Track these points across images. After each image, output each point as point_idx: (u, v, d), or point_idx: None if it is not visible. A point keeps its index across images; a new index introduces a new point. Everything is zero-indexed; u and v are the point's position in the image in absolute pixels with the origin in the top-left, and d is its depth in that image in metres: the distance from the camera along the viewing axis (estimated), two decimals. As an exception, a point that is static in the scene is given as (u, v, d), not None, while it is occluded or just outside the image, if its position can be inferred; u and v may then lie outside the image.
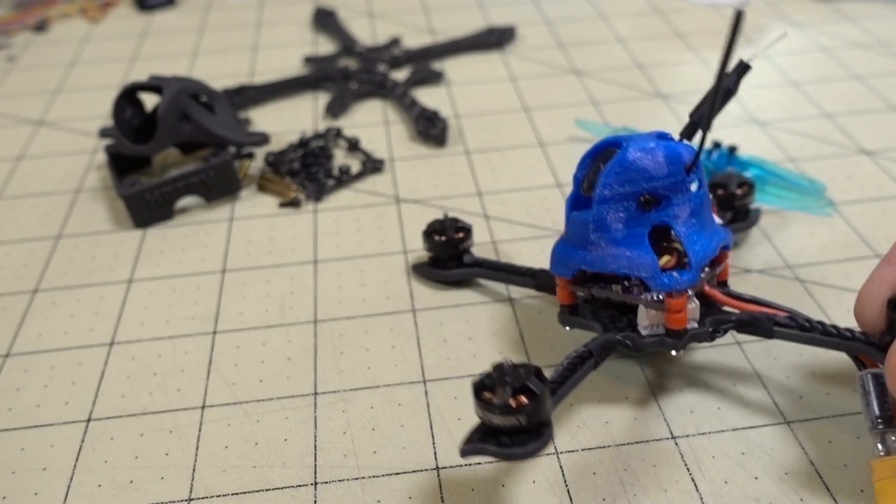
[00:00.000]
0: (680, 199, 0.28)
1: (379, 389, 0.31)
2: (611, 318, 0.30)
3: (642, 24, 0.60)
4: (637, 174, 0.28)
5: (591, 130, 0.46)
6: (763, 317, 0.29)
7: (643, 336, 0.29)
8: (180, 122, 0.42)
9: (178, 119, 0.41)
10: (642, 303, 0.29)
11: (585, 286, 0.30)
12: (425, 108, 0.47)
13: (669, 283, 0.28)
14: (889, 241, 0.38)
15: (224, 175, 0.42)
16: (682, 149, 0.28)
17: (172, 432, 0.30)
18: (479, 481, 0.28)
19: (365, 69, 0.53)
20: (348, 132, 0.48)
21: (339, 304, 0.35)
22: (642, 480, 0.28)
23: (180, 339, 0.34)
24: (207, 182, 0.41)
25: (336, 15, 0.61)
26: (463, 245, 0.35)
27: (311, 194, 0.42)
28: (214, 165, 0.41)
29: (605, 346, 0.29)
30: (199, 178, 0.41)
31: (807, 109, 0.48)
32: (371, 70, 0.53)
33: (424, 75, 0.52)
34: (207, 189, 0.42)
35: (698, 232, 0.28)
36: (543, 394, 0.24)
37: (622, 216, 0.28)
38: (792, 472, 0.28)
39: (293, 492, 0.28)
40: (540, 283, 0.34)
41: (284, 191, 0.42)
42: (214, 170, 0.41)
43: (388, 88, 0.50)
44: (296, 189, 0.42)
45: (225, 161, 0.41)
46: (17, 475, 0.29)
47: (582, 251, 0.29)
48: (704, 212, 0.29)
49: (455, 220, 0.36)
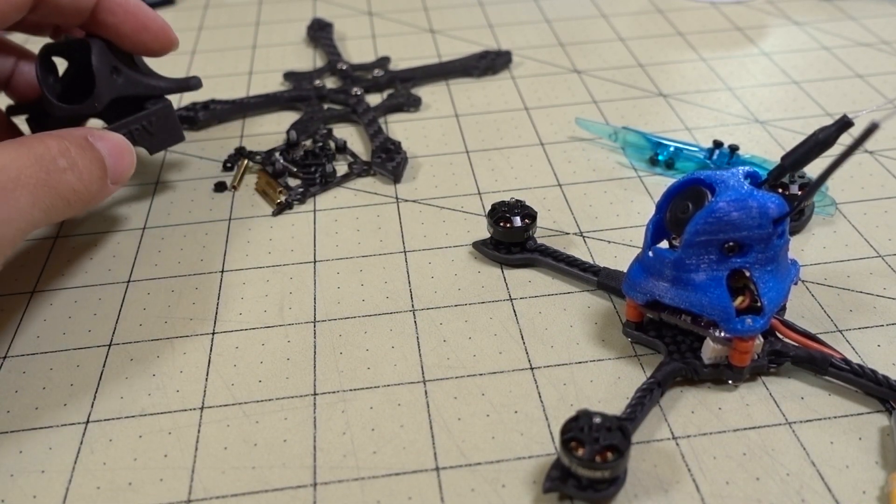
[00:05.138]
0: (762, 248, 0.29)
1: (378, 389, 0.31)
2: (673, 339, 0.31)
3: (643, 23, 0.59)
4: (727, 225, 0.28)
5: (592, 129, 0.46)
6: (820, 356, 0.30)
7: (705, 365, 0.30)
8: (112, 76, 0.39)
9: (110, 72, 0.39)
10: (710, 337, 0.30)
11: (656, 310, 0.31)
12: (389, 137, 0.45)
13: (743, 330, 0.29)
14: (891, 241, 0.38)
15: (166, 122, 0.41)
16: (772, 202, 0.28)
17: (171, 433, 0.30)
18: (479, 481, 0.28)
19: (342, 89, 0.51)
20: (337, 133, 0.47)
21: (339, 304, 0.35)
22: (643, 481, 0.27)
23: (179, 340, 0.34)
24: (150, 129, 0.41)
25: (331, 28, 0.59)
26: (527, 232, 0.36)
27: (294, 197, 0.42)
28: (156, 111, 0.41)
29: (670, 375, 0.30)
30: (140, 125, 0.40)
31: (809, 108, 0.48)
32: (346, 91, 0.50)
33: (402, 100, 0.50)
34: (151, 137, 0.41)
35: (774, 278, 0.29)
36: (627, 451, 0.26)
37: (704, 260, 0.29)
38: (793, 473, 0.27)
39: (292, 492, 0.28)
40: (602, 282, 0.35)
41: (273, 194, 0.42)
42: (156, 115, 0.41)
43: (358, 114, 0.48)
44: (280, 190, 0.42)
45: (165, 106, 0.41)
46: (15, 478, 0.29)
47: (658, 282, 0.30)
48: (782, 257, 0.30)
49: (522, 206, 0.37)
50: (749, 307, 0.29)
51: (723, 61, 0.54)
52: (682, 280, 0.29)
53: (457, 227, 0.40)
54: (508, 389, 0.31)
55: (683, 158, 0.43)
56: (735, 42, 0.56)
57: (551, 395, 0.31)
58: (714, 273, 0.29)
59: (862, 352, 0.32)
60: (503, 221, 0.36)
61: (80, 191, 0.33)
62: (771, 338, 0.31)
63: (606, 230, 0.39)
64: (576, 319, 0.34)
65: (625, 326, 0.32)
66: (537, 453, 0.29)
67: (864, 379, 0.30)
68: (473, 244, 0.38)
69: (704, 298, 0.29)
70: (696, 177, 0.30)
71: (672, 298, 0.30)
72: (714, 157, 0.42)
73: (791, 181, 0.37)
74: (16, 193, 0.30)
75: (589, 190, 0.42)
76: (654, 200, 0.41)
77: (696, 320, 0.30)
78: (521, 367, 0.32)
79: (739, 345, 0.29)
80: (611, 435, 0.26)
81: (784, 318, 0.32)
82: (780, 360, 0.31)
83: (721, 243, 0.28)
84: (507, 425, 0.30)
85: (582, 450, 0.26)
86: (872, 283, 0.35)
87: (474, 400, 0.31)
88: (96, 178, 0.34)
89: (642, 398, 0.29)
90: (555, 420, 0.30)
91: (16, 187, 0.30)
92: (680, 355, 0.31)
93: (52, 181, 0.32)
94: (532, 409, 0.30)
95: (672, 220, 0.30)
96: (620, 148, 0.45)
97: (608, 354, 0.32)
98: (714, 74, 0.52)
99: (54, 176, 0.32)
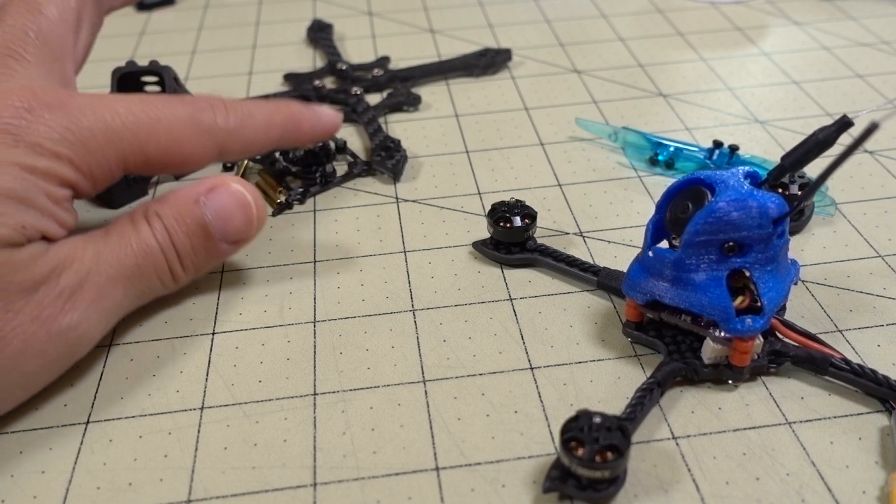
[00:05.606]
0: (762, 248, 0.29)
1: (378, 389, 0.31)
2: (673, 339, 0.31)
3: (643, 23, 0.59)
4: (727, 225, 0.28)
5: (592, 129, 0.46)
6: (820, 356, 0.30)
7: (705, 365, 0.30)
8: None
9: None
10: (710, 337, 0.30)
11: (655, 310, 0.31)
12: (388, 136, 0.45)
13: (743, 330, 0.29)
14: (891, 241, 0.38)
15: None
16: (772, 202, 0.28)
17: (171, 434, 0.30)
18: (479, 481, 0.28)
19: (342, 89, 0.50)
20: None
21: (338, 305, 0.35)
22: (643, 481, 0.27)
23: (179, 340, 0.34)
24: None
25: (331, 28, 0.59)
26: (527, 232, 0.36)
27: (294, 197, 0.42)
28: None
29: (670, 375, 0.30)
30: None
31: (809, 108, 0.48)
32: (346, 91, 0.50)
33: (402, 99, 0.49)
34: None
35: (774, 278, 0.29)
36: (627, 451, 0.26)
37: (704, 260, 0.29)
38: (793, 473, 0.27)
39: (292, 493, 0.28)
40: (602, 282, 0.35)
41: (273, 194, 0.42)
42: None
43: (358, 113, 0.48)
44: (281, 190, 0.42)
45: None
46: (15, 478, 0.29)
47: (658, 282, 0.30)
48: (781, 257, 0.30)
49: (522, 206, 0.37)
50: (749, 307, 0.29)
51: (723, 61, 0.54)
52: (682, 280, 0.29)
53: (457, 227, 0.40)
54: (508, 389, 0.31)
55: (683, 158, 0.43)
56: (735, 42, 0.56)
57: (551, 395, 0.31)
58: (714, 273, 0.29)
59: (862, 352, 0.32)
60: (503, 221, 0.36)
61: (176, 270, 0.33)
62: (771, 338, 0.31)
63: (606, 230, 0.39)
64: (576, 319, 0.34)
65: (625, 326, 0.32)
66: (537, 453, 0.29)
67: (864, 379, 0.30)
68: (473, 244, 0.38)
69: (704, 298, 0.29)
70: (696, 177, 0.30)
71: (672, 298, 0.30)
72: (714, 157, 0.42)
73: (791, 181, 0.37)
74: (109, 291, 0.30)
75: (589, 190, 0.42)
76: (654, 200, 0.41)
77: (696, 320, 0.30)
78: (521, 367, 0.32)
79: (739, 345, 0.29)
80: (611, 435, 0.26)
81: (784, 318, 0.32)
82: (780, 360, 0.31)
83: (721, 243, 0.28)
84: (507, 425, 0.30)
85: (582, 450, 0.26)
86: (872, 283, 0.35)
87: (474, 400, 0.31)
88: (199, 250, 0.33)
89: (642, 398, 0.29)
90: (555, 420, 0.30)
91: (110, 284, 0.30)
92: (680, 355, 0.31)
93: (145, 269, 0.31)
94: (532, 409, 0.30)
95: (672, 220, 0.30)
96: (620, 148, 0.45)
97: (608, 354, 0.32)
98: (714, 74, 0.52)
99: (148, 261, 0.31)
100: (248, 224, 0.33)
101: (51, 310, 0.28)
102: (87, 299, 0.29)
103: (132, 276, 0.31)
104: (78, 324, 0.29)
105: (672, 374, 0.30)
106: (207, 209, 0.32)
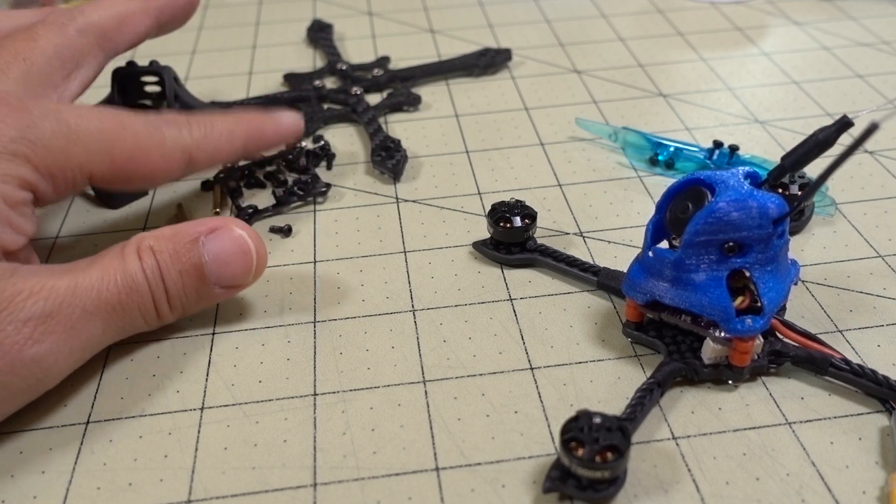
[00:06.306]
0: (762, 248, 0.29)
1: (378, 390, 0.31)
2: (673, 339, 0.31)
3: (643, 23, 0.59)
4: (727, 225, 0.28)
5: (592, 129, 0.46)
6: (820, 356, 0.30)
7: (705, 365, 0.30)
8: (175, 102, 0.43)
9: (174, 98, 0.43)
10: (710, 337, 0.30)
11: (656, 311, 0.31)
12: (388, 136, 0.45)
13: (743, 330, 0.29)
14: (891, 241, 0.38)
15: None
16: (772, 202, 0.28)
17: (171, 434, 0.30)
18: (479, 481, 0.28)
19: (342, 89, 0.50)
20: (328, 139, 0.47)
21: (338, 305, 0.35)
22: (643, 481, 0.27)
23: (179, 341, 0.34)
24: None
25: (331, 29, 0.59)
26: (527, 232, 0.36)
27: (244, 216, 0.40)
28: None
29: (670, 376, 0.30)
30: None
31: (809, 108, 0.48)
32: (346, 91, 0.50)
33: (402, 99, 0.49)
34: None
35: (774, 278, 0.29)
36: (627, 452, 0.26)
37: (704, 260, 0.29)
38: (793, 474, 0.27)
39: (292, 493, 0.28)
40: (602, 282, 0.35)
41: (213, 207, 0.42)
42: None
43: (358, 113, 0.48)
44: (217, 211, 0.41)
45: None
46: (15, 478, 0.29)
47: (658, 282, 0.30)
48: (782, 257, 0.30)
49: (522, 206, 0.37)
50: (749, 307, 0.29)
51: (723, 61, 0.54)
52: (682, 280, 0.29)
53: (457, 227, 0.40)
54: (508, 390, 0.31)
55: (683, 158, 0.43)
56: (735, 42, 0.56)
57: (551, 395, 0.31)
58: (714, 273, 0.29)
59: (862, 352, 0.32)
60: (503, 221, 0.36)
61: (162, 308, 0.31)
62: (771, 338, 0.31)
63: (606, 230, 0.39)
64: (576, 319, 0.34)
65: (625, 326, 0.32)
66: (537, 453, 0.29)
67: (864, 379, 0.30)
68: (473, 244, 0.38)
69: (704, 298, 0.29)
70: (696, 177, 0.30)
71: (672, 298, 0.30)
72: (714, 157, 0.42)
73: (791, 181, 0.37)
74: (84, 326, 0.28)
75: (589, 190, 0.42)
76: (654, 200, 0.41)
77: (696, 320, 0.30)
78: (521, 368, 0.32)
79: (739, 345, 0.29)
80: (611, 435, 0.26)
81: (784, 318, 0.32)
82: (780, 360, 0.31)
83: (721, 243, 0.29)
84: (507, 425, 0.30)
85: (582, 450, 0.26)
86: (872, 283, 0.35)
87: (474, 400, 0.31)
88: (190, 291, 0.31)
89: (642, 398, 0.29)
90: (555, 420, 0.30)
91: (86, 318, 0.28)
92: (680, 355, 0.31)
93: (128, 305, 0.30)
94: (532, 409, 0.30)
95: (672, 220, 0.30)
96: (620, 148, 0.45)
97: (608, 354, 0.32)
98: (714, 74, 0.52)
99: (132, 297, 0.30)
100: (246, 272, 0.33)
101: (14, 338, 0.27)
102: (56, 332, 0.28)
103: (113, 311, 0.29)
104: (44, 357, 0.27)
105: (672, 374, 0.30)
106: (206, 250, 0.31)
